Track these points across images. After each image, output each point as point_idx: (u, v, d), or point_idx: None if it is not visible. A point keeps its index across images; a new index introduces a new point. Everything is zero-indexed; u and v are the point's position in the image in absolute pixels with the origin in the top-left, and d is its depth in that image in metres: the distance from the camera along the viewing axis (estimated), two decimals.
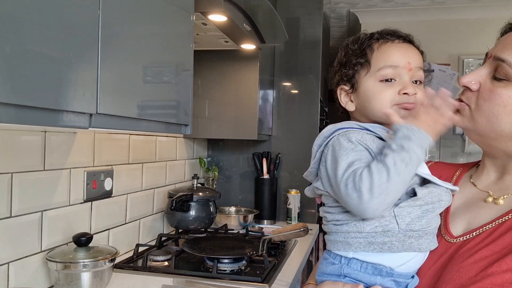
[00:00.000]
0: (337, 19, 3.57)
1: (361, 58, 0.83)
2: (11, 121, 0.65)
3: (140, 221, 1.81)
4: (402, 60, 0.81)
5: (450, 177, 0.90)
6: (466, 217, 0.80)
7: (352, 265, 0.75)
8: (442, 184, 0.78)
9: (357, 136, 0.76)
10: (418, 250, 0.74)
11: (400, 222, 0.73)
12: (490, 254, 0.69)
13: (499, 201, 0.77)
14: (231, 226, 2.14)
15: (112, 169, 1.57)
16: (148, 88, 1.03)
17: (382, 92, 0.80)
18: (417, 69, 0.82)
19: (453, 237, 0.78)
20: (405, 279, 0.76)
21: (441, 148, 3.12)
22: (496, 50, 0.76)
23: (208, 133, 2.21)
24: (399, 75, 0.80)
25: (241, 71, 2.15)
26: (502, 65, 0.73)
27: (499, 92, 0.73)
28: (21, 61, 0.64)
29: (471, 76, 0.77)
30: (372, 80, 0.82)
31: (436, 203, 0.76)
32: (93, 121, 0.84)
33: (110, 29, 0.85)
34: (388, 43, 0.82)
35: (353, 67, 0.83)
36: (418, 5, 3.17)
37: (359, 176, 0.69)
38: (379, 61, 0.81)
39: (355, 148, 0.74)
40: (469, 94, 0.78)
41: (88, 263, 1.20)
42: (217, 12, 1.39)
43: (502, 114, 0.73)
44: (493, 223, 0.74)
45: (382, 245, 0.73)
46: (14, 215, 1.15)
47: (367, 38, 0.84)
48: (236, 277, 1.41)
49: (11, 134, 1.14)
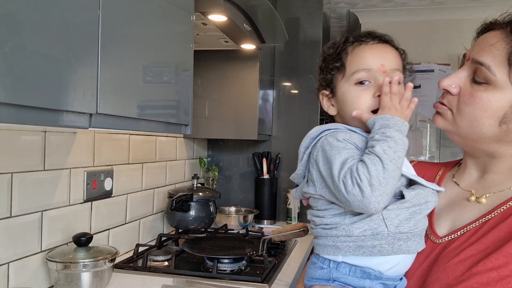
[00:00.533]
0: (337, 19, 3.57)
1: (336, 62, 0.82)
2: (12, 121, 0.65)
3: (140, 221, 1.81)
4: (375, 62, 0.79)
5: (433, 176, 0.91)
6: (450, 216, 0.81)
7: (341, 269, 0.76)
8: (429, 186, 0.78)
9: (345, 135, 0.76)
10: (407, 252, 0.75)
11: (389, 224, 0.73)
12: (475, 253, 0.70)
13: (482, 200, 0.78)
14: (231, 226, 2.14)
15: (112, 169, 1.57)
16: (148, 88, 1.03)
17: (358, 96, 0.80)
18: (392, 71, 0.79)
19: (439, 237, 0.79)
20: (393, 282, 0.76)
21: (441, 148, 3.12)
22: (474, 52, 0.76)
23: (208, 133, 2.21)
24: (374, 77, 0.79)
25: (241, 71, 2.15)
26: (480, 69, 0.73)
27: (480, 96, 0.73)
28: (21, 61, 0.64)
29: (451, 79, 0.77)
30: (348, 84, 0.81)
31: (423, 205, 0.76)
32: (93, 121, 0.84)
33: (110, 29, 0.85)
34: (362, 45, 0.81)
35: (330, 71, 0.83)
36: (418, 5, 3.17)
37: (356, 172, 0.69)
38: (353, 64, 0.80)
39: (345, 146, 0.74)
40: (450, 98, 0.78)
41: (88, 263, 1.20)
42: (217, 12, 1.39)
43: (484, 117, 0.74)
44: (476, 222, 0.75)
45: (371, 248, 0.73)
46: (14, 215, 1.15)
47: (342, 42, 0.83)
48: (236, 277, 1.41)
49: (11, 134, 1.14)
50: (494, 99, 0.73)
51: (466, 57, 0.78)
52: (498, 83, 0.72)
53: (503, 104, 0.72)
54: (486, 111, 0.73)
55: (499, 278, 0.65)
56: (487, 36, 0.77)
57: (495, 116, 0.73)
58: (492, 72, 0.72)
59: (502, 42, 0.73)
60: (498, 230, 0.71)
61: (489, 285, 0.65)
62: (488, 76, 0.73)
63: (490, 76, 0.72)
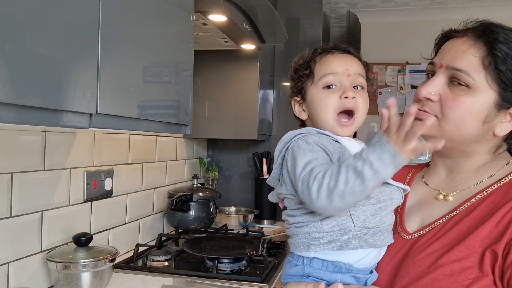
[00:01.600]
0: (337, 19, 3.57)
1: (306, 70, 0.89)
2: (11, 121, 0.65)
3: (140, 221, 1.81)
4: (340, 67, 0.85)
5: (403, 177, 0.96)
6: (420, 214, 0.86)
7: (314, 264, 0.80)
8: (393, 183, 0.82)
9: (315, 138, 0.81)
10: (373, 246, 0.79)
11: (355, 220, 0.78)
12: (440, 247, 0.76)
13: (449, 198, 0.84)
14: (231, 226, 2.14)
15: (112, 169, 1.57)
16: (148, 88, 1.03)
17: (326, 99, 0.85)
18: (356, 76, 0.86)
19: (408, 233, 0.84)
20: (364, 275, 0.81)
21: None
22: (447, 60, 0.80)
23: (208, 133, 2.21)
24: (339, 81, 0.85)
25: (241, 71, 2.15)
26: (459, 74, 0.78)
27: (464, 100, 0.78)
28: (21, 61, 0.64)
29: (429, 87, 0.81)
30: (316, 88, 0.87)
31: (388, 201, 0.80)
32: (93, 121, 0.84)
33: (110, 29, 0.85)
34: (328, 55, 0.88)
35: (300, 79, 0.89)
36: (418, 5, 3.17)
37: (314, 177, 0.73)
38: (320, 70, 0.87)
39: (312, 149, 0.78)
40: (432, 105, 0.81)
41: (88, 263, 1.20)
42: (217, 12, 1.39)
43: (469, 120, 0.78)
44: (443, 219, 0.81)
45: (340, 243, 0.78)
46: (14, 215, 1.15)
47: (311, 53, 0.90)
48: (236, 277, 1.41)
49: (11, 134, 1.14)
50: (477, 101, 0.77)
51: (438, 64, 0.82)
52: (477, 86, 0.77)
53: (485, 105, 0.77)
54: (471, 113, 0.78)
55: (462, 269, 0.71)
56: (454, 43, 0.81)
57: (479, 118, 0.78)
58: (471, 77, 0.77)
59: (474, 48, 0.78)
60: (461, 225, 0.77)
61: (453, 276, 0.71)
62: (468, 80, 0.77)
63: (470, 81, 0.77)
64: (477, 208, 0.77)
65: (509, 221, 0.71)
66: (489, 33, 0.78)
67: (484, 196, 0.79)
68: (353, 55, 0.89)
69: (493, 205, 0.76)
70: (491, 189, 0.79)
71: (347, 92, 0.83)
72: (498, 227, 0.72)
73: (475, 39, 0.79)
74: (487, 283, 0.69)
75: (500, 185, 0.79)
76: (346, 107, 0.84)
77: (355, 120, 0.85)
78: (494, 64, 0.76)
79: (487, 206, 0.76)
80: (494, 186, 0.80)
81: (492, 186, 0.80)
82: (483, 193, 0.80)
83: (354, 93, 0.84)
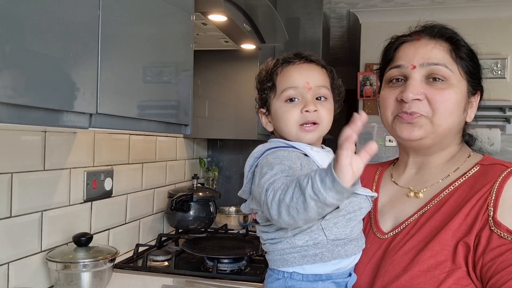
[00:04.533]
0: (337, 19, 3.57)
1: (268, 82, 0.89)
2: (12, 121, 0.65)
3: (140, 221, 1.81)
4: (301, 80, 0.85)
5: (372, 177, 0.98)
6: (393, 212, 0.88)
7: (294, 276, 0.81)
8: (362, 193, 0.84)
9: (284, 153, 0.82)
10: (345, 256, 0.81)
11: (327, 233, 0.79)
12: (416, 244, 0.78)
13: (419, 194, 0.86)
14: (231, 226, 2.14)
15: (112, 169, 1.57)
16: (148, 88, 1.03)
17: (288, 112, 0.85)
18: (317, 88, 0.86)
19: (384, 233, 0.86)
20: (343, 279, 0.83)
21: None
22: (418, 59, 0.83)
23: (208, 133, 2.21)
24: (301, 94, 0.85)
25: (241, 71, 2.15)
26: (438, 68, 0.82)
27: (448, 92, 0.82)
28: (21, 61, 0.64)
29: (413, 88, 0.82)
30: (279, 101, 0.87)
31: (357, 211, 0.82)
32: (93, 121, 0.84)
33: (110, 29, 0.85)
34: (289, 66, 0.87)
35: (264, 91, 0.90)
36: (418, 5, 3.17)
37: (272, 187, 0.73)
38: (282, 83, 0.87)
39: (280, 163, 0.79)
40: (420, 104, 0.83)
41: (88, 263, 1.20)
42: (217, 12, 1.39)
43: (456, 110, 0.83)
44: (415, 215, 0.84)
45: (314, 256, 0.79)
46: (14, 215, 1.15)
47: (273, 64, 0.90)
48: (236, 277, 1.41)
49: (11, 134, 1.14)
50: (458, 91, 0.83)
51: (409, 66, 0.84)
52: (454, 77, 0.82)
53: (463, 94, 0.84)
54: (456, 103, 0.83)
55: (437, 264, 0.74)
56: (415, 46, 0.85)
57: (461, 107, 0.84)
58: (450, 69, 0.82)
59: (439, 45, 0.83)
60: (433, 220, 0.79)
61: (429, 272, 0.73)
62: (447, 73, 0.82)
63: (449, 72, 0.82)
64: (446, 203, 0.81)
65: (476, 213, 0.75)
66: (443, 30, 0.84)
67: (452, 190, 0.82)
68: (315, 63, 0.89)
69: (460, 199, 0.79)
70: (457, 183, 0.83)
71: (308, 106, 0.84)
72: (467, 220, 0.75)
73: (434, 39, 0.84)
74: (461, 275, 0.72)
75: (466, 179, 0.83)
76: (308, 121, 0.84)
77: (319, 130, 0.86)
78: (459, 56, 0.83)
79: (455, 201, 0.80)
80: (460, 180, 0.83)
81: (458, 180, 0.83)
82: (450, 188, 0.83)
83: (315, 105, 0.84)
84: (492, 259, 0.70)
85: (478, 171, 0.83)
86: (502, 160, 0.84)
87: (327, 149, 0.90)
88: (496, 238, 0.71)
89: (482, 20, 3.09)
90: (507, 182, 0.76)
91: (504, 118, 3.12)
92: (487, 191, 0.76)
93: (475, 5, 3.09)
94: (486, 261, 0.70)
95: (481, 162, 0.84)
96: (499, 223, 0.72)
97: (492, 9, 3.12)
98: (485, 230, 0.72)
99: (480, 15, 3.12)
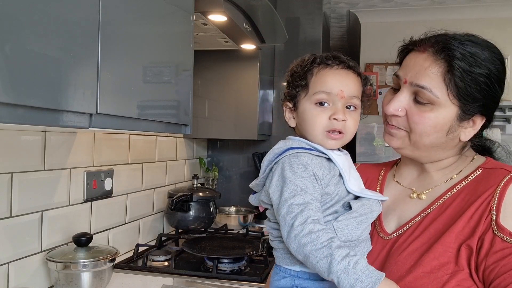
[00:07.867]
0: (337, 19, 3.57)
1: (302, 80, 0.87)
2: (12, 121, 0.65)
3: (140, 221, 1.81)
4: (336, 87, 0.84)
5: (376, 178, 0.99)
6: (396, 213, 0.90)
7: (301, 275, 0.82)
8: (374, 197, 0.86)
9: (307, 160, 0.82)
10: None
11: (339, 234, 0.79)
12: (420, 246, 0.80)
13: (422, 196, 0.88)
14: (231, 226, 2.14)
15: (112, 169, 1.57)
16: (148, 88, 1.03)
17: (317, 116, 0.85)
18: (350, 97, 0.85)
19: (388, 234, 0.88)
20: None
21: None
22: (411, 76, 0.83)
23: (208, 133, 2.21)
24: (332, 100, 0.84)
25: (241, 71, 2.15)
26: (423, 91, 0.81)
27: (428, 116, 0.82)
28: (21, 61, 0.64)
29: (395, 104, 0.84)
30: (308, 102, 0.86)
31: (369, 214, 0.83)
32: (93, 121, 0.84)
33: (110, 29, 0.85)
34: (327, 69, 0.86)
35: (295, 88, 0.89)
36: (418, 5, 3.17)
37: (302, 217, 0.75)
38: (316, 85, 0.86)
39: (302, 174, 0.79)
40: (399, 120, 0.85)
41: (88, 263, 1.20)
42: (217, 12, 1.39)
43: (434, 133, 0.82)
44: (419, 217, 0.85)
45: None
46: (14, 215, 1.15)
47: (310, 62, 0.88)
48: (236, 277, 1.41)
49: (11, 134, 1.14)
50: (440, 116, 0.81)
51: (402, 79, 0.85)
52: (440, 102, 0.80)
53: (448, 119, 0.82)
54: (435, 127, 0.82)
55: (440, 265, 0.75)
56: (417, 58, 0.84)
57: (443, 130, 0.82)
58: (434, 94, 0.80)
59: (435, 64, 0.81)
60: (437, 223, 0.81)
61: (432, 273, 0.75)
62: (431, 97, 0.80)
63: (433, 97, 0.80)
64: (450, 206, 0.82)
65: (479, 217, 0.76)
66: (448, 49, 0.80)
67: (455, 193, 0.84)
68: (352, 70, 0.88)
69: (464, 203, 0.81)
70: (460, 186, 0.84)
71: (337, 114, 0.83)
72: (470, 223, 0.77)
73: (435, 56, 0.81)
74: (463, 277, 0.74)
75: (468, 182, 0.84)
76: (335, 128, 0.84)
77: (343, 139, 0.86)
78: (454, 81, 0.79)
79: (459, 204, 0.81)
80: (463, 183, 0.84)
81: (461, 183, 0.84)
82: (453, 190, 0.84)
83: (344, 115, 0.84)
84: (494, 261, 0.72)
85: (480, 174, 0.84)
86: (504, 164, 0.86)
87: (345, 151, 0.91)
88: (499, 242, 0.73)
89: (482, 20, 3.09)
90: (509, 187, 0.77)
91: (504, 118, 3.13)
92: (489, 195, 0.78)
93: (475, 5, 3.09)
94: (488, 264, 0.72)
95: (483, 165, 0.86)
96: (502, 227, 0.74)
97: (492, 9, 3.12)
98: (488, 233, 0.74)
99: (480, 15, 3.12)
